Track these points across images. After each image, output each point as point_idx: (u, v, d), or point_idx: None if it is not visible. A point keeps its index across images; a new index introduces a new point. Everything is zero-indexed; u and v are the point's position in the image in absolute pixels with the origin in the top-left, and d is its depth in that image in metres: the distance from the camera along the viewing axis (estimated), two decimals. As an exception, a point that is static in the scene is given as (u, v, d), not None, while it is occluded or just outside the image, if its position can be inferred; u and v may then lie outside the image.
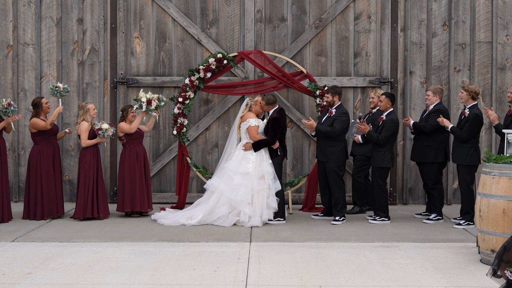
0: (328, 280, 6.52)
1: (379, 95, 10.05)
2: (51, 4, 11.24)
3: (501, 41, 11.16)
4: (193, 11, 11.29)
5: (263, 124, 9.73)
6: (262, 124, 9.73)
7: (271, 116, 9.64)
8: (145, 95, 9.93)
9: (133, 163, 9.93)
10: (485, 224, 7.08)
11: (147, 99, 9.87)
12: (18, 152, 11.28)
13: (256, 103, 9.78)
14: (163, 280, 6.52)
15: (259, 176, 9.45)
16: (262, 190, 9.39)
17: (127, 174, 9.91)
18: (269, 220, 9.44)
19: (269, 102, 9.72)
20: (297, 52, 11.22)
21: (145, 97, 9.90)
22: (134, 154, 9.97)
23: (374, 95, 10.23)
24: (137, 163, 9.95)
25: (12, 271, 6.81)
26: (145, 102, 9.86)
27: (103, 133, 9.74)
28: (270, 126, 9.57)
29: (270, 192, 9.40)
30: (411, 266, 7.09)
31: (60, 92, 9.76)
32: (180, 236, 8.62)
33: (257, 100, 9.79)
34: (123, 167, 9.98)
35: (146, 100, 9.87)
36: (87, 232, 8.87)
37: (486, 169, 7.18)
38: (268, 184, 9.41)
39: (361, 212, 10.34)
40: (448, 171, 11.09)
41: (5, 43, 11.27)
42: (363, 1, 11.22)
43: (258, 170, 9.46)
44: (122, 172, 10.00)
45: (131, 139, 10.00)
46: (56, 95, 9.77)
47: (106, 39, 11.25)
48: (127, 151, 10.00)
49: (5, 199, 9.51)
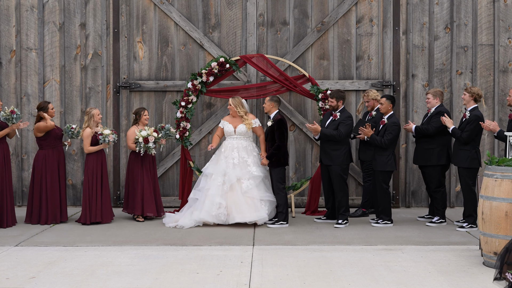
0: (331, 283, 6.53)
1: (373, 97, 10.09)
2: (53, 9, 11.27)
3: (503, 43, 11.17)
4: (195, 15, 11.32)
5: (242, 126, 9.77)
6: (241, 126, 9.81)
7: (275, 118, 9.64)
8: (141, 134, 9.86)
9: (142, 166, 9.94)
10: (487, 226, 7.08)
11: (144, 138, 9.84)
12: (22, 156, 11.31)
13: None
14: (166, 284, 6.54)
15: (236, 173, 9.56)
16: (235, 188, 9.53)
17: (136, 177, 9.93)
18: (270, 223, 9.55)
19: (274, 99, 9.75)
20: (299, 56, 11.23)
21: (141, 137, 9.86)
22: (145, 158, 10.00)
23: (368, 98, 10.22)
24: (147, 167, 9.98)
25: (15, 276, 6.83)
26: (142, 142, 9.84)
27: (103, 138, 9.74)
28: (277, 128, 9.58)
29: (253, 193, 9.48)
30: (414, 269, 7.09)
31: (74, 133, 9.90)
32: (183, 240, 8.63)
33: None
34: (132, 170, 9.97)
35: (143, 139, 9.84)
36: (91, 236, 8.89)
37: (489, 171, 7.19)
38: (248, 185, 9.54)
39: (364, 215, 10.34)
40: (451, 174, 11.09)
41: (8, 48, 11.31)
42: (365, 4, 11.23)
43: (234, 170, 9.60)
44: (131, 175, 9.98)
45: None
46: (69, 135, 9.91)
47: (108, 43, 11.28)
48: (137, 154, 10.01)
49: (9, 204, 9.53)
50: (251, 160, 9.69)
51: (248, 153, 9.76)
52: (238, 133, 9.82)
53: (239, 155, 9.70)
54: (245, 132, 9.82)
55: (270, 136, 9.66)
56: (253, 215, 9.43)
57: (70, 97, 11.30)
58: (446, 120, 9.37)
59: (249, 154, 9.75)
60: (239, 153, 9.71)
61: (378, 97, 10.17)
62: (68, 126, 9.94)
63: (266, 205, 9.58)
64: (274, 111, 9.74)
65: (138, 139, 9.84)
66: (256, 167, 9.66)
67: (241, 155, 9.70)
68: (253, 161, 9.70)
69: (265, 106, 9.79)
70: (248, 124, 9.80)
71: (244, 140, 9.84)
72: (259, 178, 9.64)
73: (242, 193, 9.50)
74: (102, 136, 9.74)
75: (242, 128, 9.81)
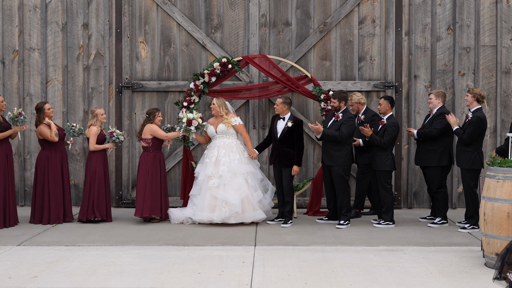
0: (332, 284, 6.53)
1: (356, 101, 10.13)
2: (56, 9, 11.29)
3: (506, 44, 11.17)
4: (197, 16, 11.33)
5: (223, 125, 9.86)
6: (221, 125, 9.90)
7: (294, 119, 9.72)
8: (186, 114, 9.87)
9: (155, 168, 9.91)
10: (489, 227, 7.08)
11: (188, 119, 9.82)
12: (24, 156, 11.33)
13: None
14: (168, 284, 6.54)
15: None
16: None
17: (149, 179, 9.86)
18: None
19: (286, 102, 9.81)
20: (302, 57, 11.24)
21: (186, 117, 9.84)
22: (158, 160, 9.98)
23: (351, 102, 10.18)
24: (158, 169, 9.96)
25: (18, 275, 6.84)
26: (185, 123, 9.82)
27: (117, 136, 9.82)
28: (298, 129, 9.71)
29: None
30: (416, 270, 7.09)
31: (75, 131, 9.97)
32: (185, 240, 8.64)
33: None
34: (146, 172, 9.86)
35: (187, 120, 9.82)
36: (93, 236, 8.90)
37: (491, 172, 7.18)
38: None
39: (357, 216, 10.30)
40: (452, 175, 11.09)
41: (11, 48, 11.33)
42: (368, 5, 11.24)
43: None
44: (144, 176, 9.86)
45: (158, 144, 10.01)
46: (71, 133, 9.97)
47: (111, 44, 11.30)
48: (150, 155, 9.93)
49: (11, 204, 9.55)
50: (235, 157, 9.76)
51: (233, 150, 9.82)
52: (219, 132, 9.89)
53: (218, 153, 9.77)
54: (226, 131, 9.88)
55: (287, 136, 9.68)
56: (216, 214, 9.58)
57: (73, 97, 11.32)
58: (451, 119, 9.35)
59: (233, 151, 9.81)
60: (218, 151, 9.79)
61: (361, 100, 10.18)
62: (69, 124, 9.96)
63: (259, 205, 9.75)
64: (287, 113, 9.76)
65: (182, 119, 9.85)
66: (238, 164, 9.70)
67: (220, 153, 9.77)
68: (238, 158, 9.78)
69: (278, 108, 9.76)
70: (227, 123, 9.85)
71: (226, 138, 9.89)
72: (241, 176, 9.68)
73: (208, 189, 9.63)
74: (116, 134, 9.81)
75: (222, 127, 9.88)
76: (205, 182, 9.72)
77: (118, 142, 9.97)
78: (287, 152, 9.68)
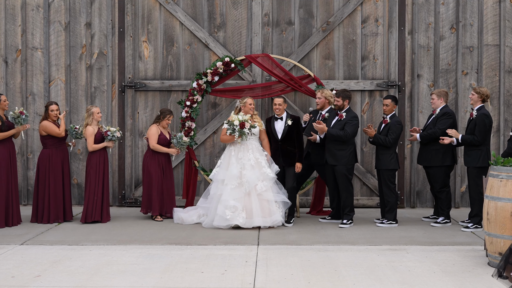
0: (335, 283, 6.53)
1: (327, 96, 9.80)
2: (59, 8, 11.30)
3: (509, 44, 11.15)
4: (200, 15, 11.33)
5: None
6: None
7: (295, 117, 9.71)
8: (238, 117, 9.42)
9: (160, 166, 9.98)
10: (492, 227, 7.07)
11: (240, 122, 9.38)
12: (27, 155, 11.34)
13: (245, 105, 9.69)
14: (171, 283, 6.55)
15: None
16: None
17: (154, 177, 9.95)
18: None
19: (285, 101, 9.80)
20: (305, 56, 11.23)
21: (238, 120, 9.40)
22: (162, 158, 10.05)
23: (321, 95, 9.86)
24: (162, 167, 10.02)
25: (21, 274, 6.85)
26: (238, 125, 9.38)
27: (111, 134, 9.78)
28: (297, 127, 9.69)
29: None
30: (419, 269, 7.08)
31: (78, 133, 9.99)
32: (188, 239, 8.64)
33: (246, 101, 9.69)
34: (149, 170, 9.98)
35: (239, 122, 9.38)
36: (95, 235, 8.90)
37: (494, 172, 7.17)
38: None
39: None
40: (456, 174, 11.08)
41: (14, 48, 11.34)
42: (371, 4, 11.23)
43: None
44: (149, 174, 9.97)
45: (162, 144, 10.06)
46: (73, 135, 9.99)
47: (114, 43, 11.30)
48: (155, 153, 10.03)
49: (14, 203, 9.56)
50: (264, 161, 9.48)
51: (261, 153, 9.56)
52: (253, 133, 9.58)
53: (254, 156, 9.47)
54: (258, 133, 9.66)
55: (288, 135, 9.64)
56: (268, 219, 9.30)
57: (76, 96, 11.33)
58: (453, 133, 9.31)
59: (261, 154, 9.56)
60: (254, 154, 9.49)
61: (331, 99, 9.80)
62: (72, 126, 9.97)
63: (281, 207, 9.49)
64: (283, 112, 9.74)
65: (234, 121, 9.41)
66: (269, 169, 9.47)
67: (256, 156, 9.48)
68: (265, 162, 9.50)
69: (280, 109, 9.63)
70: (260, 125, 9.73)
71: (256, 141, 9.63)
72: (272, 180, 9.47)
73: (257, 195, 9.31)
74: (110, 132, 9.79)
75: (256, 129, 9.62)
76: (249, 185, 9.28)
77: (115, 139, 9.95)
78: (290, 151, 9.66)
